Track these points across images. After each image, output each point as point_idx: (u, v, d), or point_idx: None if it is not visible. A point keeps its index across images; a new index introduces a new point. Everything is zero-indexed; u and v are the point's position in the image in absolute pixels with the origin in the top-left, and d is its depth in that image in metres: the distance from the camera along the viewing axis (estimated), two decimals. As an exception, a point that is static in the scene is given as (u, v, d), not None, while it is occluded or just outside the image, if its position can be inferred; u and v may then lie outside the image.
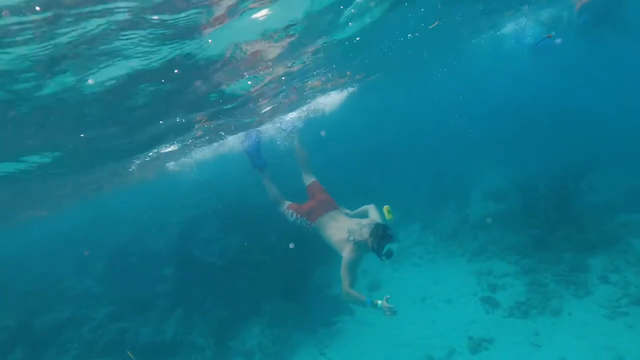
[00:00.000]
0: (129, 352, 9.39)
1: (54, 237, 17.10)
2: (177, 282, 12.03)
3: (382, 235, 4.33)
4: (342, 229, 4.99)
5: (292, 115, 15.62)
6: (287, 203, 6.24)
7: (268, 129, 15.76)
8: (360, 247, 4.62)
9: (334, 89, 14.73)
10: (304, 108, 15.96)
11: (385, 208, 4.76)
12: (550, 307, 7.77)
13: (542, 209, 10.63)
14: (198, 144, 14.04)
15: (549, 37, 16.09)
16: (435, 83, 28.59)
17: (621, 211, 10.30)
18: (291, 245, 9.21)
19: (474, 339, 7.63)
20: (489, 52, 21.26)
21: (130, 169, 14.10)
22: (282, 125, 8.42)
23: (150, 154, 12.28)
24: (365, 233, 4.58)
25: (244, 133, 7.78)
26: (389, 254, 4.38)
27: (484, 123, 25.73)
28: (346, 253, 4.64)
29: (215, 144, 16.39)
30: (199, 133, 11.82)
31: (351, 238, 4.69)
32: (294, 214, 5.86)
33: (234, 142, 16.28)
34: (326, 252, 5.86)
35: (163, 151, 12.62)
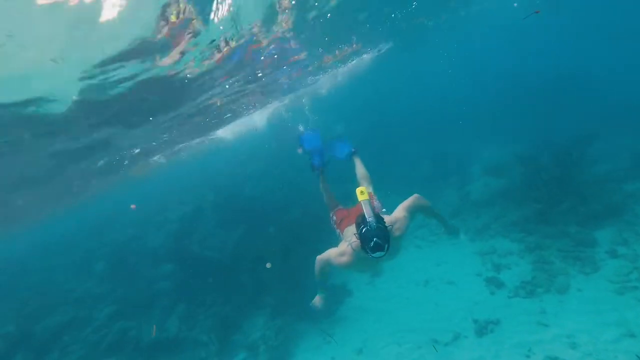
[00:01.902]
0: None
1: (55, 239, 17.02)
2: (177, 278, 11.94)
3: (362, 239, 3.42)
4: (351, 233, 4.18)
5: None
6: (337, 208, 5.30)
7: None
8: (358, 252, 3.75)
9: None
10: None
11: (358, 190, 3.80)
12: (557, 285, 7.53)
13: (545, 182, 10.29)
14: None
15: (537, 12, 15.40)
16: (432, 56, 27.90)
17: (628, 179, 9.96)
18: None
19: (479, 321, 7.42)
20: (483, 21, 20.52)
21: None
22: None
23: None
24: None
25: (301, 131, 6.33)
26: (377, 254, 3.37)
27: (481, 96, 25.19)
28: (343, 257, 3.96)
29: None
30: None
31: (349, 243, 3.95)
32: (334, 222, 5.06)
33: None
34: (326, 244, 5.39)
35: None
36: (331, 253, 4.12)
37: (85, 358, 9.71)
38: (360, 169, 5.64)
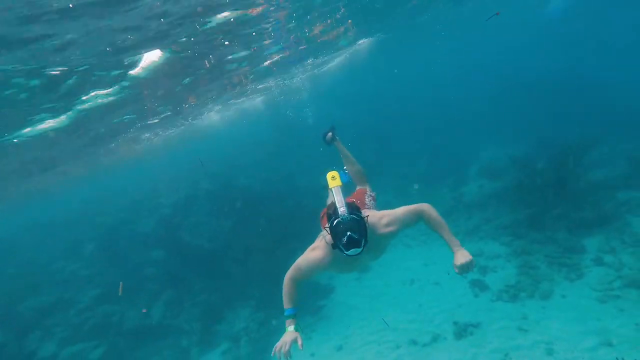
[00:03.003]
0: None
1: (46, 219, 17.03)
2: (166, 265, 11.91)
3: (334, 234, 2.84)
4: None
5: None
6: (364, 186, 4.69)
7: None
8: (332, 249, 3.08)
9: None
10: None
11: (329, 175, 3.20)
12: (541, 291, 7.44)
13: (539, 187, 10.16)
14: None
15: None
16: (431, 52, 27.73)
17: (623, 187, 9.82)
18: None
19: (459, 323, 7.35)
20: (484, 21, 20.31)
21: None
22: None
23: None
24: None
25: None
26: (352, 252, 2.80)
27: (483, 96, 24.96)
28: (315, 252, 3.28)
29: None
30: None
31: (322, 238, 3.34)
32: (320, 218, 4.10)
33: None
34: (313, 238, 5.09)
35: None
36: (301, 258, 3.30)
37: (68, 340, 9.73)
38: (346, 157, 4.92)
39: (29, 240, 14.49)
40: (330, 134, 5.09)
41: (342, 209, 2.88)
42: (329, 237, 3.04)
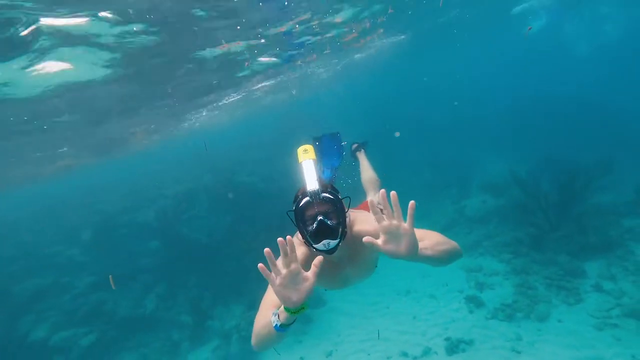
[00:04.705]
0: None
1: (50, 202, 17.12)
2: (162, 257, 11.90)
3: (298, 219, 2.13)
4: None
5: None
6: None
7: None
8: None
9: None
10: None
11: (301, 148, 2.21)
12: (537, 312, 7.33)
13: (544, 208, 10.04)
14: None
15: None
16: (447, 60, 27.58)
17: (628, 214, 9.67)
18: None
19: (452, 339, 7.26)
20: (502, 36, 20.21)
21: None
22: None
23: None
24: None
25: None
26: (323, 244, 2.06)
27: (493, 110, 24.77)
28: None
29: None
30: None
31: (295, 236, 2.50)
32: None
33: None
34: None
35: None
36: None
37: (60, 325, 9.73)
38: (366, 169, 4.59)
39: (29, 223, 14.54)
40: (356, 145, 4.95)
41: (312, 187, 2.07)
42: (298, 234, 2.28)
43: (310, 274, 1.84)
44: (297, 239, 2.32)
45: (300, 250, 2.31)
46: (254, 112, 20.93)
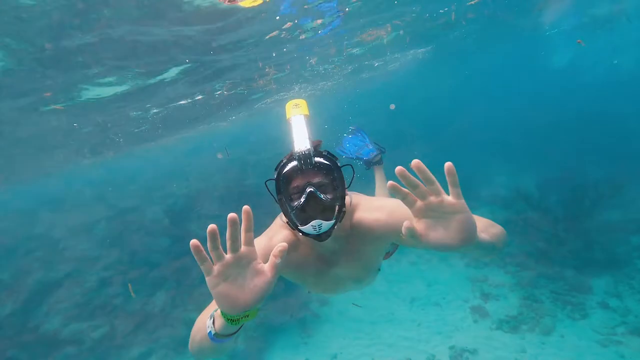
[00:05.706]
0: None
1: (66, 195, 17.45)
2: (172, 254, 12.09)
3: (279, 190, 1.76)
4: None
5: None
6: None
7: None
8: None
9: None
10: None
11: (291, 103, 1.83)
12: (542, 326, 7.41)
13: (552, 222, 10.10)
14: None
15: (578, 42, 15.30)
16: (463, 70, 27.63)
17: (637, 232, 9.69)
18: None
19: (456, 348, 7.37)
20: (523, 50, 20.27)
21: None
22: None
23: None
24: None
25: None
26: (311, 228, 1.64)
27: (508, 121, 24.75)
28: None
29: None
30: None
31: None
32: None
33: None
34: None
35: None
36: None
37: (71, 318, 9.97)
38: (382, 180, 4.25)
39: (44, 215, 14.86)
40: (376, 155, 4.71)
41: (302, 147, 1.57)
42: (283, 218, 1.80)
43: (268, 266, 1.32)
44: (279, 221, 1.92)
45: (282, 234, 1.87)
46: (271, 111, 21.22)
